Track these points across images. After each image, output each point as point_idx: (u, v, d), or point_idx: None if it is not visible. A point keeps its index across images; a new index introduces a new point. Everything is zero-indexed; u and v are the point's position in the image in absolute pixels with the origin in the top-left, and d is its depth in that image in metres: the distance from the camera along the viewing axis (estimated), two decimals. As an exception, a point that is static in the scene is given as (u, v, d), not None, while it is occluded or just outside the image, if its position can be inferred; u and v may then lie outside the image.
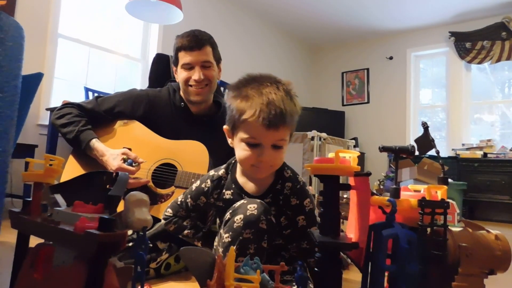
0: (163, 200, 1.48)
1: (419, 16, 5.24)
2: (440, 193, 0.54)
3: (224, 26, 4.84)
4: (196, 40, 1.52)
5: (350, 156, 0.57)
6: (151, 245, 1.32)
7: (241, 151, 1.03)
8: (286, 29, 5.78)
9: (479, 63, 5.14)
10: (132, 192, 0.59)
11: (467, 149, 4.90)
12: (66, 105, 1.56)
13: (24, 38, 1.14)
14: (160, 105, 1.59)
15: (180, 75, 1.55)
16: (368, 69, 6.09)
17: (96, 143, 1.47)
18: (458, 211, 4.16)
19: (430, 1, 4.81)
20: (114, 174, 0.71)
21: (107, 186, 0.70)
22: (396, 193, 0.53)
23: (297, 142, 3.98)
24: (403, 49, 5.79)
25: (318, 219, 0.61)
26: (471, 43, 5.15)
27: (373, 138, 5.89)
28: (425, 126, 0.80)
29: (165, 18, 3.25)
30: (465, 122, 5.35)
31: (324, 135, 4.16)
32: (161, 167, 1.51)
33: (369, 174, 0.56)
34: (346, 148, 4.59)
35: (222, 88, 3.15)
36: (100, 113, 1.56)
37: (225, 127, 1.12)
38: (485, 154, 4.75)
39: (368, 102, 6.07)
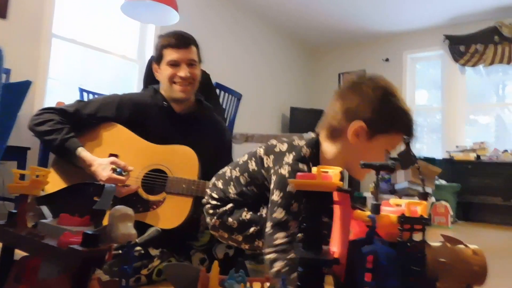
0: (154, 206, 1.45)
1: (415, 19, 5.27)
2: (420, 208, 0.55)
3: (222, 27, 4.84)
4: (183, 39, 1.57)
5: (332, 172, 0.58)
6: (143, 251, 1.32)
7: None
8: (284, 30, 5.79)
9: (473, 66, 5.17)
10: (116, 207, 0.59)
11: (461, 151, 4.93)
12: (45, 110, 1.48)
13: (3, 58, 1.14)
14: (145, 107, 1.58)
15: (164, 72, 1.56)
16: (364, 71, 6.10)
17: (82, 152, 1.41)
18: (451, 213, 4.16)
19: (426, 4, 4.84)
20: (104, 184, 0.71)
21: (94, 198, 0.71)
22: (376, 209, 0.54)
23: (291, 144, 4.00)
24: (400, 51, 5.82)
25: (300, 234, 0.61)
26: (465, 47, 5.18)
27: (368, 139, 5.91)
28: (407, 142, 0.80)
29: (161, 19, 3.25)
30: (460, 124, 5.38)
31: (318, 137, 4.18)
32: (150, 173, 1.49)
33: (349, 191, 0.56)
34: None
35: (218, 90, 3.16)
36: (83, 117, 1.50)
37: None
38: (478, 157, 4.78)
39: (363, 104, 6.08)
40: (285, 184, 0.99)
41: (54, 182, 1.45)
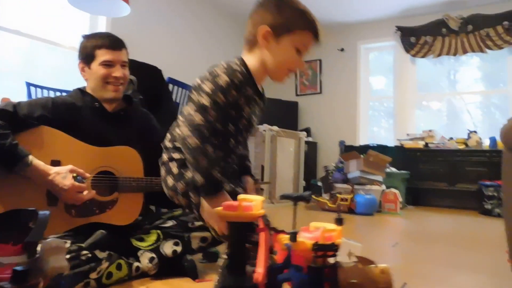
0: (110, 207, 1.51)
1: (368, 10, 5.41)
2: (335, 234, 0.60)
3: (175, 18, 4.75)
4: (117, 41, 1.63)
5: (255, 201, 0.63)
6: (89, 255, 1.33)
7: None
8: (241, 18, 5.75)
9: (423, 56, 5.40)
10: (48, 240, 0.61)
11: (411, 139, 5.17)
12: None
13: None
14: (78, 109, 1.58)
15: (98, 72, 1.58)
16: (320, 60, 6.22)
17: (34, 160, 1.35)
18: (400, 199, 4.38)
19: (378, -5, 4.97)
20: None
21: (29, 225, 0.71)
22: (293, 237, 0.59)
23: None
24: (354, 41, 5.96)
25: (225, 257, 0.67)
26: (416, 38, 5.39)
27: (325, 127, 6.07)
28: (326, 170, 0.86)
29: (111, 11, 3.16)
30: (411, 113, 5.63)
31: (275, 128, 4.25)
32: (98, 176, 1.51)
33: (268, 224, 0.61)
34: (297, 140, 4.71)
35: (171, 86, 3.13)
36: (20, 119, 1.41)
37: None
38: (426, 144, 5.04)
39: (320, 93, 6.22)
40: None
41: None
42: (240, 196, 0.63)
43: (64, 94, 1.87)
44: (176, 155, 1.24)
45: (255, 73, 1.16)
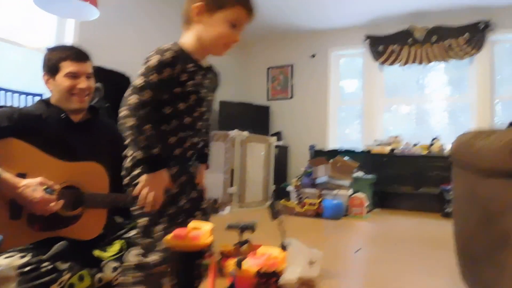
0: (74, 221, 1.50)
1: (339, 18, 5.53)
2: (278, 260, 0.64)
3: (145, 18, 4.72)
4: (81, 53, 1.64)
5: (203, 230, 0.66)
6: (50, 266, 1.33)
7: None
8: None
9: (390, 64, 5.57)
10: (-1, 268, 0.62)
11: (378, 144, 5.33)
12: None
13: None
14: (43, 121, 1.57)
15: (63, 83, 1.58)
16: (292, 65, 6.31)
17: (3, 173, 1.34)
18: (366, 203, 4.51)
19: (349, 5, 5.10)
20: None
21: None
22: (239, 264, 0.63)
23: (219, 141, 4.07)
24: (325, 48, 6.07)
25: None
26: (383, 46, 5.56)
27: (296, 131, 6.16)
28: (273, 197, 0.90)
29: (79, 14, 3.12)
30: (379, 118, 5.80)
31: (246, 133, 4.29)
32: (63, 190, 1.50)
33: (211, 254, 0.65)
34: (267, 145, 4.77)
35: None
36: None
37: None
38: (392, 150, 5.21)
39: (292, 97, 6.31)
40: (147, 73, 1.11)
41: None
42: (190, 225, 0.66)
43: (28, 97, 1.82)
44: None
45: (193, 49, 1.20)
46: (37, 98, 3.24)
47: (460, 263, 1.46)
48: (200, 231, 0.65)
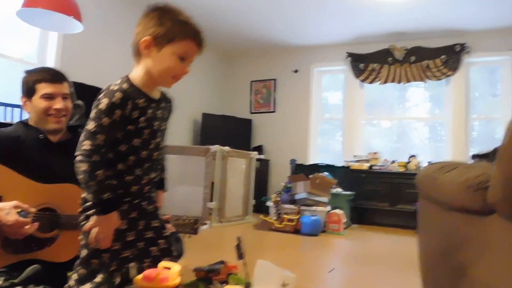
0: (49, 244, 1.50)
1: (321, 36, 5.66)
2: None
3: (131, 32, 4.74)
4: (57, 74, 1.68)
5: (173, 270, 0.70)
6: (23, 290, 1.34)
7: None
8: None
9: (370, 82, 5.71)
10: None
11: (357, 161, 5.43)
12: None
13: None
14: (22, 142, 1.59)
15: (39, 105, 1.61)
16: (275, 80, 6.40)
17: None
18: (344, 220, 4.58)
19: (331, 23, 5.22)
20: None
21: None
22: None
23: (200, 156, 4.09)
24: (307, 64, 6.19)
25: None
26: (364, 65, 5.70)
27: (278, 145, 6.23)
28: (238, 239, 0.95)
29: (63, 27, 3.12)
30: (358, 135, 5.92)
31: (227, 148, 4.33)
32: (40, 212, 1.51)
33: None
34: (248, 159, 4.82)
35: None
36: None
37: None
38: (371, 166, 5.32)
39: (274, 111, 6.39)
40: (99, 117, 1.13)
41: None
42: (161, 264, 0.70)
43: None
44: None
45: (143, 83, 1.20)
46: (17, 109, 3.24)
47: (424, 289, 1.52)
48: (168, 272, 0.69)
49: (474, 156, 1.58)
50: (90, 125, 1.12)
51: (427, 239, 1.49)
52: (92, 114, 1.13)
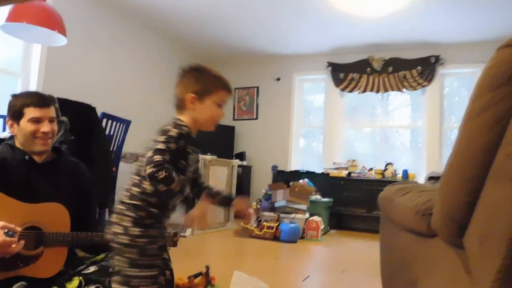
0: (34, 260, 1.58)
1: (303, 45, 5.80)
2: None
3: (114, 42, 4.81)
4: (44, 99, 1.75)
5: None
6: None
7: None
8: (181, 42, 5.90)
9: (350, 91, 5.89)
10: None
11: (336, 168, 5.60)
12: None
13: None
14: (7, 163, 1.66)
15: (27, 128, 1.69)
16: (258, 88, 6.53)
17: None
18: (322, 227, 4.72)
19: (310, 34, 5.37)
20: None
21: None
22: None
23: (182, 164, 4.18)
24: (289, 72, 6.33)
25: None
26: (344, 74, 5.88)
27: (260, 152, 6.36)
28: (207, 268, 1.03)
29: (48, 40, 3.19)
30: (338, 143, 6.08)
31: (208, 157, 4.43)
32: (25, 231, 1.59)
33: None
34: (230, 167, 4.92)
35: (105, 120, 3.20)
36: None
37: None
38: (349, 173, 5.49)
39: (256, 118, 6.51)
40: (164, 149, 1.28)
41: None
42: None
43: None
44: (129, 213, 1.35)
45: (191, 129, 1.40)
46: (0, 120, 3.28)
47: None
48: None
49: (430, 178, 1.72)
50: (160, 145, 1.26)
51: (387, 254, 1.63)
52: (162, 138, 1.28)
